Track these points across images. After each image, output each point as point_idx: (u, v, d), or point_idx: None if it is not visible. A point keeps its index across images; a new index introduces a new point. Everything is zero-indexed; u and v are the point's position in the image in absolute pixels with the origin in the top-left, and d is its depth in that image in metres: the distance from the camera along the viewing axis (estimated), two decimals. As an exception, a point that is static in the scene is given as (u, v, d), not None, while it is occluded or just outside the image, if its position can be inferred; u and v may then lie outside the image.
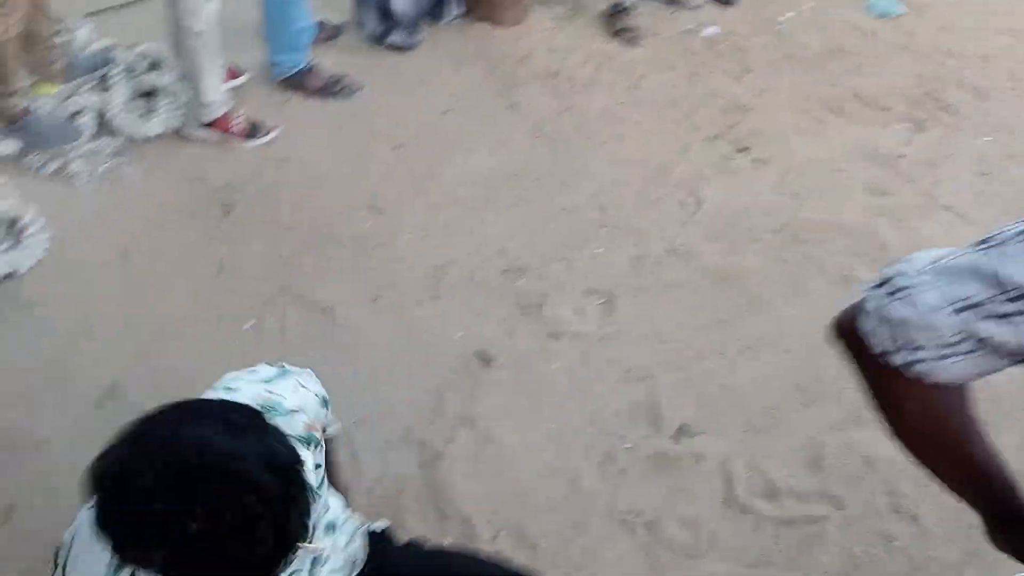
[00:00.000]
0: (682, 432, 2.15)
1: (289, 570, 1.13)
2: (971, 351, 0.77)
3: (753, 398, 2.23)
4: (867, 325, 0.82)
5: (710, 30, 3.70)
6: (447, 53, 3.38)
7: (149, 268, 2.41)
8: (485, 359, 2.28)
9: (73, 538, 1.11)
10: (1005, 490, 0.90)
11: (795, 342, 2.38)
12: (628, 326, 2.40)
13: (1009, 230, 0.78)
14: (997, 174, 3.00)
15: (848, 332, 0.85)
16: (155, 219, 2.55)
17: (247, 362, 2.16)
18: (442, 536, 1.91)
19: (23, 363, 2.14)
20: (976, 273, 0.77)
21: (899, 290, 0.80)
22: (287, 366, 1.30)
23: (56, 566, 1.14)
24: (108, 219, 2.54)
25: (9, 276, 2.30)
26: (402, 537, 1.86)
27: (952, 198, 2.87)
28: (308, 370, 1.37)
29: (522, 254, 2.57)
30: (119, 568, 1.03)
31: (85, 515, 1.10)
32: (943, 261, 0.80)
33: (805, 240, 2.70)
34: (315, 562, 1.22)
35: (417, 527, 1.92)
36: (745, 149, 3.08)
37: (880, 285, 0.82)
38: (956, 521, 1.90)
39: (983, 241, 0.79)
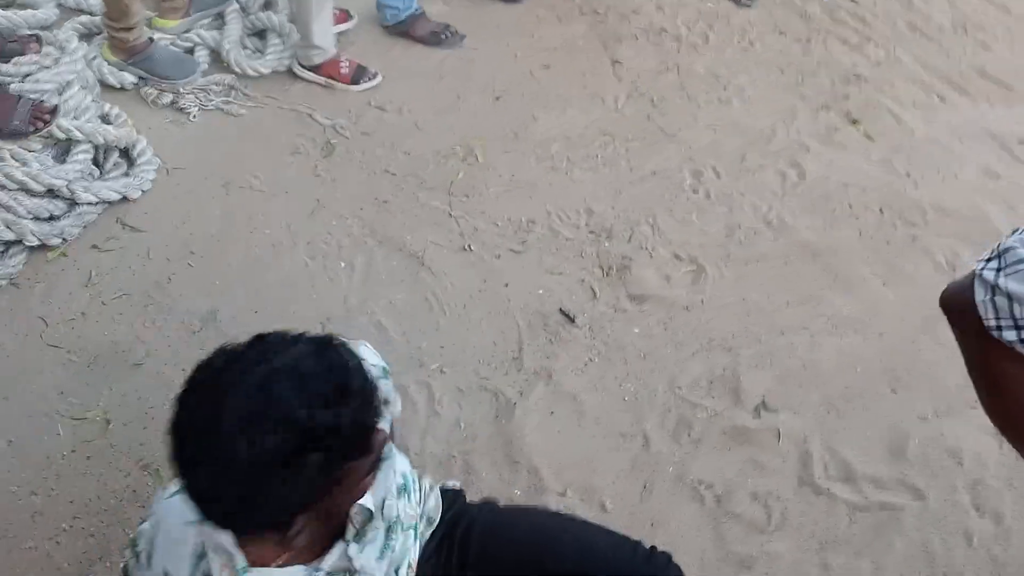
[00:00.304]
0: (761, 407, 2.12)
1: (366, 534, 1.17)
2: None
3: (837, 378, 2.17)
4: (978, 297, 0.79)
5: None
6: (553, 6, 3.34)
7: (250, 201, 2.50)
8: (568, 316, 2.28)
9: (156, 528, 1.11)
10: None
11: (890, 325, 2.30)
12: (714, 295, 2.36)
13: None
14: None
15: (957, 304, 0.83)
16: (259, 155, 2.63)
17: (338, 298, 2.24)
18: (511, 487, 1.94)
19: (128, 285, 2.26)
20: None
21: (1016, 263, 0.77)
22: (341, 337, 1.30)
23: (135, 554, 1.14)
24: (214, 152, 2.63)
25: (120, 201, 2.42)
26: (473, 485, 1.91)
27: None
28: (363, 341, 1.32)
29: (610, 214, 2.55)
30: (201, 557, 1.06)
31: (165, 506, 1.12)
32: None
33: (910, 221, 2.59)
34: (390, 528, 1.22)
35: (487, 475, 1.96)
36: (855, 122, 2.95)
37: (992, 258, 0.79)
38: (1043, 525, 1.82)
39: None
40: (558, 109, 2.89)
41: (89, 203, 2.34)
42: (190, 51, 2.88)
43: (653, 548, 1.41)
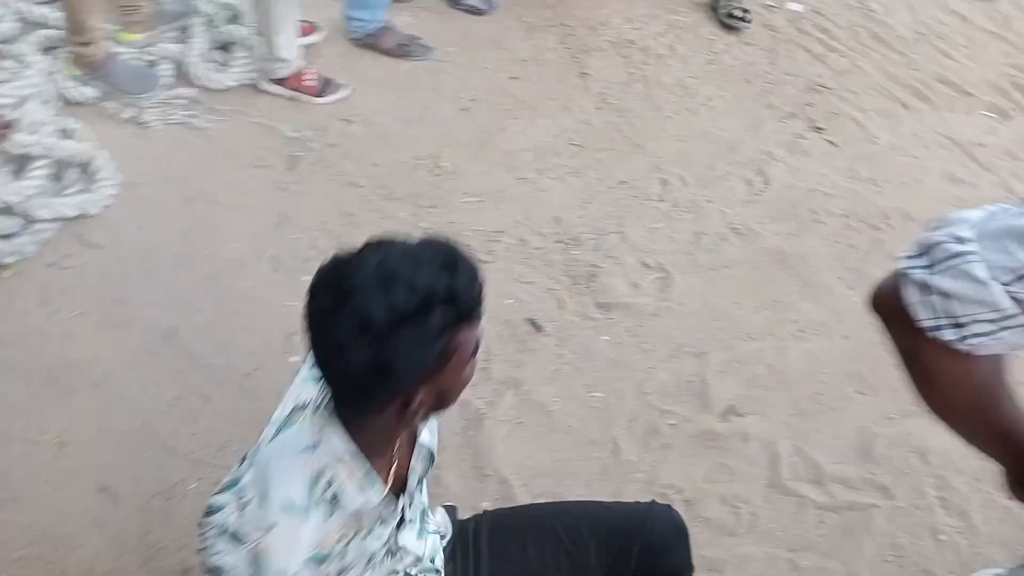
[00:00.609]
0: (729, 411, 2.12)
1: (410, 512, 1.26)
2: None
3: (804, 382, 2.18)
4: (912, 297, 0.77)
5: (795, 6, 3.58)
6: (521, 18, 3.35)
7: (213, 216, 2.47)
8: (535, 326, 2.27)
9: (264, 469, 1.12)
10: None
11: (855, 329, 2.31)
12: (681, 302, 2.37)
13: None
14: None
15: (888, 306, 0.81)
16: (222, 168, 2.61)
17: (297, 311, 2.21)
18: (480, 498, 1.93)
19: (86, 303, 2.22)
20: None
21: (946, 259, 0.74)
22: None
23: (243, 505, 1.10)
24: (177, 166, 2.60)
25: (79, 217, 2.38)
26: (441, 498, 1.89)
27: (1034, 189, 2.74)
28: None
29: (578, 224, 2.55)
30: (316, 480, 1.10)
31: (272, 447, 1.15)
32: (993, 223, 0.74)
33: (875, 226, 2.61)
34: (424, 516, 1.31)
35: (456, 487, 1.94)
36: (820, 129, 2.98)
37: (921, 254, 0.77)
38: (1006, 522, 1.83)
39: None
40: (527, 119, 2.90)
41: (45, 220, 2.30)
42: (154, 65, 2.85)
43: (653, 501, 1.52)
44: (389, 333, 0.99)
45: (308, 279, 1.06)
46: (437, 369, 1.05)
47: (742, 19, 3.35)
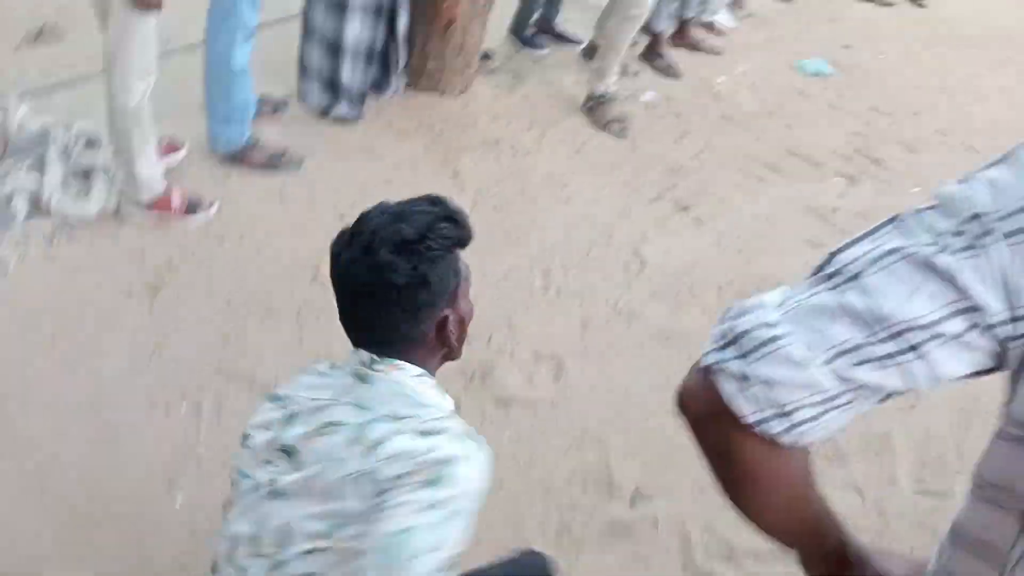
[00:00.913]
0: (636, 496, 2.12)
1: None
2: (850, 401, 0.68)
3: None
4: (731, 391, 0.69)
5: (648, 95, 3.79)
6: (391, 124, 3.40)
7: (81, 351, 2.33)
8: (433, 430, 2.22)
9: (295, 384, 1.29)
10: (833, 530, 0.84)
11: (744, 399, 2.37)
12: (577, 390, 2.38)
13: (850, 257, 0.70)
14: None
15: (700, 403, 0.73)
16: (89, 301, 2.48)
17: (182, 446, 2.09)
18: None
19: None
20: (840, 313, 0.67)
21: (759, 347, 0.69)
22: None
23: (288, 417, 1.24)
24: (39, 302, 2.45)
25: (-68, 366, 2.20)
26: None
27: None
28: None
29: (468, 321, 2.54)
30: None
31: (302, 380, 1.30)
32: (794, 302, 0.70)
33: (746, 296, 2.72)
34: None
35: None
36: (686, 208, 3.12)
37: (728, 345, 0.71)
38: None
39: (831, 275, 0.70)
40: (404, 223, 2.90)
41: None
42: (8, 199, 2.71)
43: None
44: (422, 248, 1.18)
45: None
46: (457, 288, 1.24)
47: (621, 130, 3.50)
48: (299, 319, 2.50)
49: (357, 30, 3.22)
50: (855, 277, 0.68)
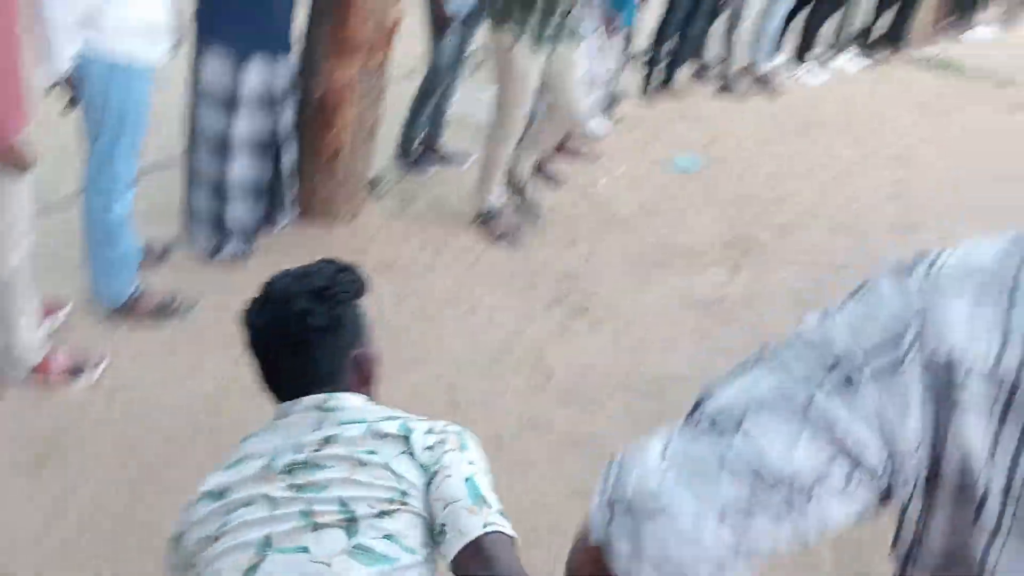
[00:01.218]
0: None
1: None
2: (748, 558, 0.65)
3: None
4: (621, 564, 0.65)
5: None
6: (282, 257, 3.37)
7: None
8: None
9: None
10: None
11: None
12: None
13: (725, 403, 0.68)
14: (812, 302, 3.26)
15: (589, 562, 0.69)
16: (-31, 479, 2.33)
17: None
18: None
19: None
20: (722, 467, 0.64)
21: (645, 519, 0.65)
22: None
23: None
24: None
25: None
26: None
27: (777, 331, 3.08)
28: None
29: (377, 451, 2.51)
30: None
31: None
32: (677, 458, 0.66)
33: (648, 395, 2.80)
34: None
35: None
36: (582, 311, 3.21)
37: (614, 516, 0.67)
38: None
39: (711, 424, 0.67)
40: (303, 357, 2.87)
41: None
42: None
43: None
44: (332, 294, 1.32)
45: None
46: (366, 330, 1.38)
47: (513, 241, 3.59)
48: (199, 470, 2.40)
49: (244, 168, 3.24)
50: (735, 427, 0.65)
